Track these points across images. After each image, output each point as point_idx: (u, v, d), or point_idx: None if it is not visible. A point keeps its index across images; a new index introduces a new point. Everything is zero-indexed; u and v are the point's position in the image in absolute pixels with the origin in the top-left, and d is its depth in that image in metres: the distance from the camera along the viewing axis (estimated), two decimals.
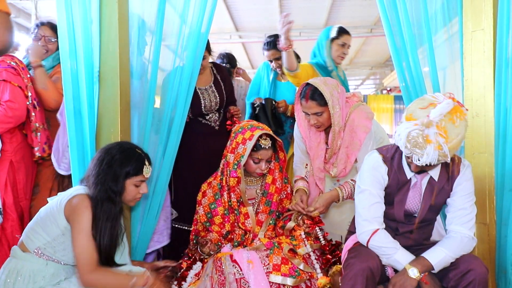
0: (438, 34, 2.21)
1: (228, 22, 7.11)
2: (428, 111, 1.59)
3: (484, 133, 2.03)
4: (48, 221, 1.71)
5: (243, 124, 2.21)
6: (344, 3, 6.60)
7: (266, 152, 2.12)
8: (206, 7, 2.20)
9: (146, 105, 2.21)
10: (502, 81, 1.97)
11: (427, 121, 1.57)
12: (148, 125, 2.21)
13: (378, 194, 1.83)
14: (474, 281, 1.65)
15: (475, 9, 2.04)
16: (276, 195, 2.22)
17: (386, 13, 2.21)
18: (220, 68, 2.83)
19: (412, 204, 1.85)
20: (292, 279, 1.88)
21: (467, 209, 1.79)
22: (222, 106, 2.72)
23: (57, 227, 1.70)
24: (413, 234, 1.88)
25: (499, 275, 1.99)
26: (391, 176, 1.83)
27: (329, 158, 2.28)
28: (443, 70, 2.27)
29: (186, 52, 2.26)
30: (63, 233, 1.71)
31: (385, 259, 1.79)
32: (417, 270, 1.70)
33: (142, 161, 1.80)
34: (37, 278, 1.69)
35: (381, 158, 1.85)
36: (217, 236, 2.17)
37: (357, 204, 1.88)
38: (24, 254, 1.72)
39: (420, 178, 1.82)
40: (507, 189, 1.96)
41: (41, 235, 1.71)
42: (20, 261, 1.71)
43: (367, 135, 2.20)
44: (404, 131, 1.60)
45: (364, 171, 1.88)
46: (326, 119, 2.17)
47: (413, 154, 1.61)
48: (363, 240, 1.82)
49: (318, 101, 2.13)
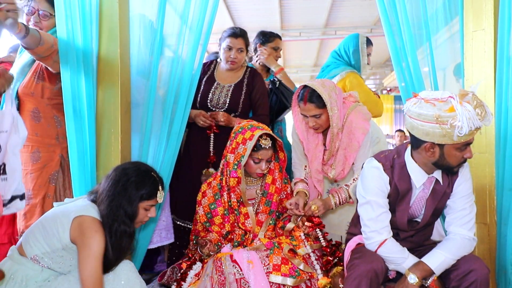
0: (438, 34, 2.21)
1: (228, 22, 7.11)
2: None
3: (484, 133, 2.03)
4: (50, 232, 1.67)
5: (243, 124, 2.20)
6: (344, 3, 6.61)
7: (267, 152, 2.12)
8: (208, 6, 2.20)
9: (146, 105, 2.20)
10: (502, 81, 1.97)
11: (460, 94, 1.56)
12: (149, 125, 2.21)
13: (384, 203, 1.80)
14: (476, 282, 1.65)
15: (476, 9, 2.04)
16: (276, 195, 2.22)
17: (386, 13, 2.21)
18: (255, 74, 2.70)
19: (415, 210, 1.85)
20: (292, 279, 1.88)
21: (467, 209, 1.78)
22: (233, 108, 2.59)
23: (59, 242, 1.67)
24: (414, 237, 1.88)
25: (499, 275, 1.99)
26: (392, 186, 1.80)
27: (327, 160, 2.27)
28: (443, 70, 2.27)
29: (187, 52, 2.26)
30: (64, 248, 1.67)
31: (393, 266, 1.79)
32: (415, 276, 1.69)
33: (156, 186, 1.76)
34: (30, 283, 1.66)
35: (381, 167, 1.80)
36: (217, 236, 2.17)
37: (363, 215, 1.83)
38: (20, 258, 1.69)
39: (429, 183, 1.80)
40: (507, 188, 1.96)
41: (41, 244, 1.68)
42: (15, 264, 1.68)
43: (365, 136, 2.19)
44: (461, 114, 1.52)
45: (366, 181, 1.83)
46: (324, 121, 2.16)
47: (485, 118, 1.55)
48: (372, 249, 1.80)
49: (316, 103, 2.12)
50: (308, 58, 10.34)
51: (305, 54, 9.79)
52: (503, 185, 1.99)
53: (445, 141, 1.60)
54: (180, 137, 2.30)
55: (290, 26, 7.69)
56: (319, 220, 2.18)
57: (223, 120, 2.51)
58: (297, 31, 7.80)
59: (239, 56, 2.58)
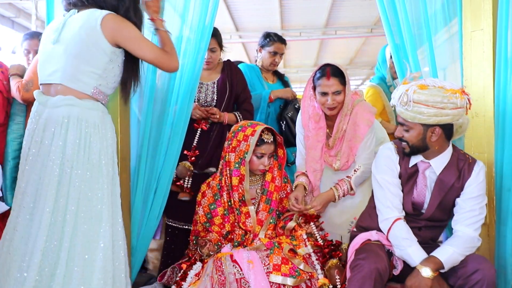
0: (438, 34, 2.21)
1: (228, 22, 7.11)
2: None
3: (484, 133, 2.03)
4: (88, 54, 1.67)
5: (241, 123, 2.22)
6: (344, 3, 6.60)
7: (269, 146, 2.15)
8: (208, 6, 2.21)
9: (146, 105, 2.21)
10: (501, 81, 1.97)
11: (418, 76, 1.78)
12: (148, 125, 2.21)
13: (393, 182, 1.90)
14: (482, 281, 1.66)
15: (474, 9, 2.04)
16: (276, 193, 2.22)
17: (386, 13, 2.21)
18: (232, 67, 2.74)
19: (418, 196, 1.89)
20: (292, 279, 1.88)
21: (476, 211, 1.80)
22: (222, 104, 2.62)
23: (104, 54, 1.68)
24: (421, 231, 1.89)
25: (499, 275, 1.99)
26: (402, 166, 1.90)
27: (332, 145, 2.28)
28: (443, 70, 2.27)
29: (187, 52, 2.26)
30: (111, 59, 1.70)
31: (398, 252, 1.82)
32: (429, 269, 1.71)
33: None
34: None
35: (395, 148, 1.94)
36: (217, 236, 2.17)
37: (376, 193, 1.95)
38: (88, 103, 1.69)
39: (423, 168, 1.87)
40: (506, 189, 1.96)
41: (89, 71, 1.67)
42: (86, 110, 1.67)
43: (369, 128, 2.22)
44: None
45: (378, 160, 1.96)
46: (341, 101, 2.20)
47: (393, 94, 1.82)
48: (385, 228, 1.86)
49: (339, 78, 2.17)
50: (308, 58, 10.33)
51: (305, 54, 9.78)
52: (502, 185, 1.99)
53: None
54: (182, 139, 2.30)
55: (290, 26, 7.68)
56: (314, 216, 2.18)
57: (218, 116, 2.53)
58: (297, 31, 7.79)
59: (213, 56, 2.60)
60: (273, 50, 3.02)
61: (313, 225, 2.17)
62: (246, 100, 2.70)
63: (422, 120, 1.75)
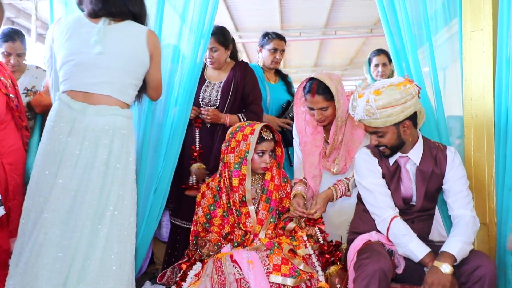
0: (438, 34, 2.21)
1: (228, 22, 7.11)
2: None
3: (484, 133, 2.03)
4: (133, 67, 1.76)
5: (239, 124, 2.22)
6: (344, 3, 6.61)
7: (269, 143, 2.16)
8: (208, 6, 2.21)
9: (146, 105, 2.20)
10: (501, 81, 1.97)
11: (366, 85, 1.81)
12: (148, 124, 2.21)
13: (378, 183, 1.92)
14: (484, 277, 1.68)
15: (474, 9, 2.04)
16: (276, 193, 2.22)
17: (385, 14, 2.21)
18: (242, 68, 2.66)
19: (406, 191, 1.93)
20: (292, 279, 1.88)
21: (465, 191, 1.87)
22: (225, 104, 2.58)
23: (144, 67, 1.80)
24: (414, 224, 1.91)
25: (499, 275, 1.99)
26: (383, 166, 1.94)
27: (329, 154, 2.28)
28: (444, 70, 2.27)
29: (187, 52, 2.26)
30: (145, 71, 1.83)
31: (401, 250, 1.82)
32: (448, 265, 1.70)
33: None
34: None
35: (370, 151, 1.98)
36: (217, 236, 2.17)
37: (365, 198, 1.96)
38: (127, 112, 1.79)
39: (403, 162, 1.92)
40: (507, 188, 1.96)
41: (132, 83, 1.77)
42: (125, 119, 1.77)
43: (367, 132, 2.20)
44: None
45: (358, 166, 1.99)
46: (330, 114, 2.18)
47: (353, 110, 1.83)
48: (383, 229, 1.87)
49: (324, 95, 2.13)
50: (308, 58, 10.33)
51: (305, 54, 9.78)
52: (503, 185, 1.98)
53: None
54: (182, 139, 2.30)
55: (290, 26, 7.69)
56: (320, 220, 2.18)
57: (210, 117, 2.51)
58: (297, 31, 7.79)
59: (215, 55, 2.58)
60: (272, 47, 3.02)
61: (318, 230, 2.16)
62: (254, 102, 2.64)
63: (393, 121, 1.80)
